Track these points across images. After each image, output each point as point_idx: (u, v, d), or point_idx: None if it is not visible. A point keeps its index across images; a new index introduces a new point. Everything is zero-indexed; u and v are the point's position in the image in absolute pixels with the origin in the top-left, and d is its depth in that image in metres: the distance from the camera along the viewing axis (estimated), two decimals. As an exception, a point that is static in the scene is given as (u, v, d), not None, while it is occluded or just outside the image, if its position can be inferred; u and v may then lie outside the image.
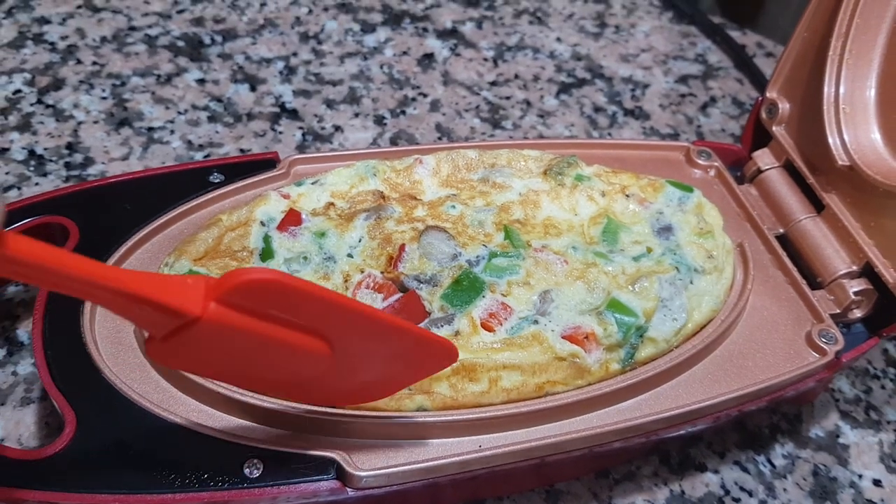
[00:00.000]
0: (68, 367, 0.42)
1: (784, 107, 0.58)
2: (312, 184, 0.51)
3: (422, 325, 0.45)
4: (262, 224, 0.48)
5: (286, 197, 0.50)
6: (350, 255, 0.47)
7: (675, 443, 0.53)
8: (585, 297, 0.47)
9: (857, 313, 0.52)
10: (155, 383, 0.43)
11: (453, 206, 0.51)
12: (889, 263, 0.50)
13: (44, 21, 0.76)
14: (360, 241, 0.48)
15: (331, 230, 0.48)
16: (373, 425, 0.42)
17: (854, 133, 0.52)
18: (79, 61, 0.73)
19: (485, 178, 0.54)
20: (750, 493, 0.52)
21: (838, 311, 0.51)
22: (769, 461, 0.54)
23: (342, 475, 0.40)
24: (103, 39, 0.75)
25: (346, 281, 0.46)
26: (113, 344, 0.44)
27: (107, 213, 0.49)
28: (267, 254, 0.46)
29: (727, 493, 0.52)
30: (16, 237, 0.28)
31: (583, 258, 0.49)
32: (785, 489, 0.52)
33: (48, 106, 0.68)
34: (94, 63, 0.73)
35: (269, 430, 0.41)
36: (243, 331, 0.34)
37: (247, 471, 0.39)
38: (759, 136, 0.60)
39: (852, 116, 0.53)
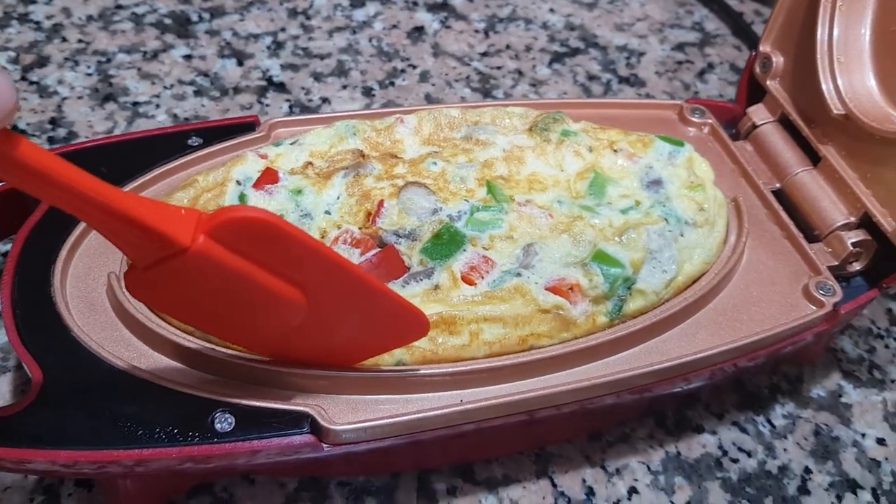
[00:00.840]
0: (37, 326, 0.41)
1: (778, 60, 0.56)
2: (291, 144, 0.50)
3: (401, 279, 0.43)
4: (238, 183, 0.47)
5: (263, 157, 0.49)
6: (328, 213, 0.46)
7: (670, 402, 0.52)
8: (571, 249, 0.46)
9: (857, 266, 0.51)
10: (126, 341, 0.41)
11: (434, 163, 0.49)
12: (887, 212, 0.49)
13: (29, 1, 0.75)
14: (338, 198, 0.47)
15: (308, 188, 0.47)
16: (350, 380, 0.40)
17: (849, 80, 0.51)
18: (64, 39, 0.72)
19: (468, 135, 0.52)
20: (749, 454, 0.50)
21: (836, 263, 0.50)
22: (769, 421, 0.52)
23: (317, 430, 0.39)
24: (89, 18, 0.75)
25: (322, 237, 0.45)
26: (84, 304, 0.43)
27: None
28: (242, 202, 0.45)
29: (725, 453, 0.50)
30: (19, 139, 0.28)
31: (568, 212, 0.48)
32: (785, 449, 0.51)
33: (32, 83, 0.67)
34: (80, 41, 0.72)
35: (241, 385, 0.40)
36: (226, 268, 0.33)
37: (217, 425, 0.38)
38: (754, 92, 0.59)
39: (846, 64, 0.51)
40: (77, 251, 0.45)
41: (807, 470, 0.50)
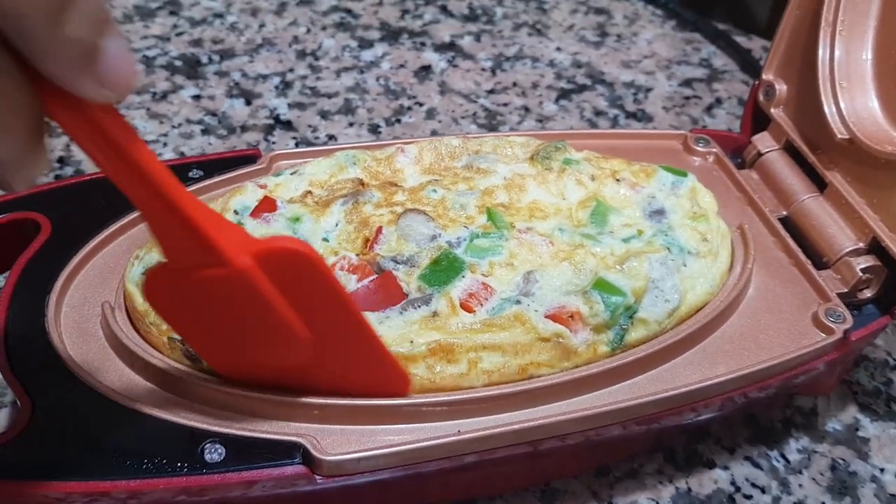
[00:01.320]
0: (28, 356, 0.40)
1: (781, 88, 0.56)
2: (291, 174, 0.50)
3: (398, 306, 0.43)
4: (236, 213, 0.47)
5: (263, 187, 0.49)
6: (325, 240, 0.45)
7: (679, 436, 0.50)
8: (571, 278, 0.45)
9: (868, 293, 0.49)
10: (118, 371, 0.41)
11: (434, 191, 0.49)
12: (897, 237, 0.48)
13: (43, 46, 0.76)
14: (336, 225, 0.46)
15: (306, 215, 0.46)
16: (344, 410, 0.39)
17: (852, 104, 0.50)
18: (75, 82, 0.73)
19: (469, 164, 0.52)
20: (763, 490, 0.48)
21: (846, 290, 0.48)
22: (783, 456, 0.50)
23: (309, 460, 0.38)
24: (100, 62, 0.76)
25: None
26: (78, 334, 0.42)
27: (81, 209, 0.48)
28: None
29: (738, 489, 0.48)
30: (118, 117, 0.29)
31: (569, 240, 0.47)
32: (801, 485, 0.49)
33: (42, 124, 0.68)
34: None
35: (232, 415, 0.39)
36: (259, 293, 0.34)
37: (207, 456, 0.37)
38: (759, 120, 0.58)
39: (849, 87, 0.50)
40: (73, 282, 0.45)
41: (823, 506, 0.48)
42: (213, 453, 0.37)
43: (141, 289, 0.41)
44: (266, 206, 0.47)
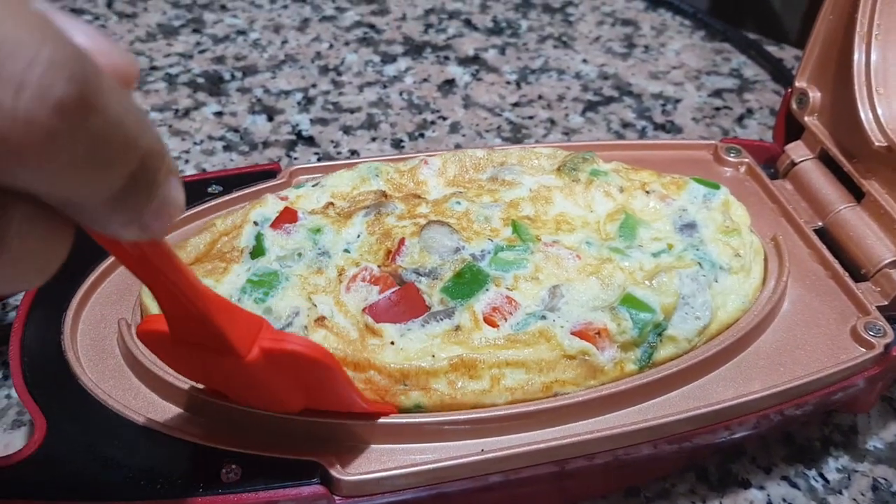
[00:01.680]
0: (44, 374, 0.40)
1: (815, 95, 0.54)
2: (313, 186, 0.49)
3: (420, 318, 0.41)
4: (256, 224, 0.46)
5: (284, 199, 0.48)
6: (346, 251, 0.45)
7: (712, 455, 0.48)
8: (599, 293, 0.43)
9: (909, 306, 0.47)
10: (134, 390, 0.40)
11: (458, 203, 0.48)
12: (940, 247, 0.46)
13: (68, 65, 0.77)
14: (358, 236, 0.45)
15: (327, 226, 0.46)
16: (365, 429, 0.38)
17: (889, 110, 0.48)
18: (99, 100, 0.73)
19: (493, 176, 0.51)
20: (800, 511, 0.46)
21: (886, 303, 0.47)
22: (821, 476, 0.48)
23: (328, 480, 0.37)
24: (124, 79, 0.76)
25: (340, 275, 0.43)
26: (94, 351, 0.42)
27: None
28: (258, 251, 0.44)
29: (774, 510, 0.46)
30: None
31: (597, 254, 0.46)
32: (841, 506, 0.47)
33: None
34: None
35: (249, 435, 0.38)
36: (261, 380, 0.34)
37: (224, 476, 0.36)
38: (792, 129, 0.57)
39: (886, 93, 0.49)
40: (90, 298, 0.44)
41: (865, 528, 0.46)
42: (231, 473, 0.36)
43: (136, 331, 0.40)
44: (287, 217, 0.46)
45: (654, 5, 0.92)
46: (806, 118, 0.55)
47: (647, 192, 0.50)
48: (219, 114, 0.72)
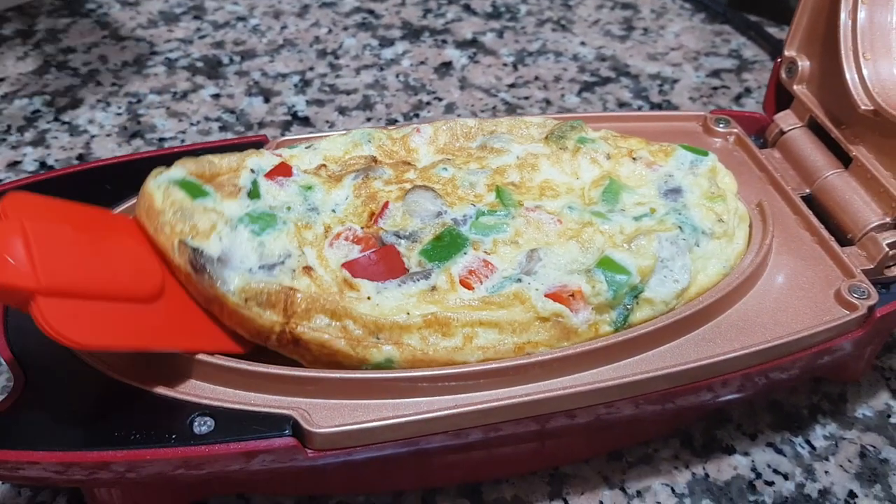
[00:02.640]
0: (25, 334, 0.40)
1: (804, 64, 0.54)
2: (306, 148, 0.50)
3: (398, 279, 0.42)
4: (252, 171, 0.46)
5: (278, 156, 0.48)
6: (334, 211, 0.45)
7: (697, 422, 0.48)
8: (577, 256, 0.43)
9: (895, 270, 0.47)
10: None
11: (445, 169, 0.48)
12: (925, 209, 0.45)
13: (69, 50, 0.78)
14: (346, 199, 0.46)
15: (318, 186, 0.46)
16: (337, 383, 0.38)
17: (876, 73, 0.48)
18: (98, 83, 0.74)
19: (483, 144, 0.51)
20: (785, 476, 0.46)
21: (872, 266, 0.46)
22: (808, 442, 0.48)
23: (299, 433, 0.37)
24: (124, 63, 0.77)
25: (326, 232, 0.44)
26: (75, 311, 0.42)
27: (84, 195, 0.48)
28: (254, 194, 0.44)
29: (758, 475, 0.46)
30: None
31: (578, 218, 0.45)
32: (827, 471, 0.46)
33: (63, 122, 0.69)
34: (113, 84, 0.74)
35: (224, 389, 0.38)
36: None
37: (195, 428, 0.36)
38: (782, 99, 0.56)
39: (872, 56, 0.48)
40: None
41: (851, 494, 0.45)
42: (203, 426, 0.37)
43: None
44: (281, 170, 0.46)
45: (654, -10, 0.92)
46: (795, 87, 0.54)
47: (634, 159, 0.50)
48: (216, 96, 0.73)
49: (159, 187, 0.43)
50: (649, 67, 0.79)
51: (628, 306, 0.42)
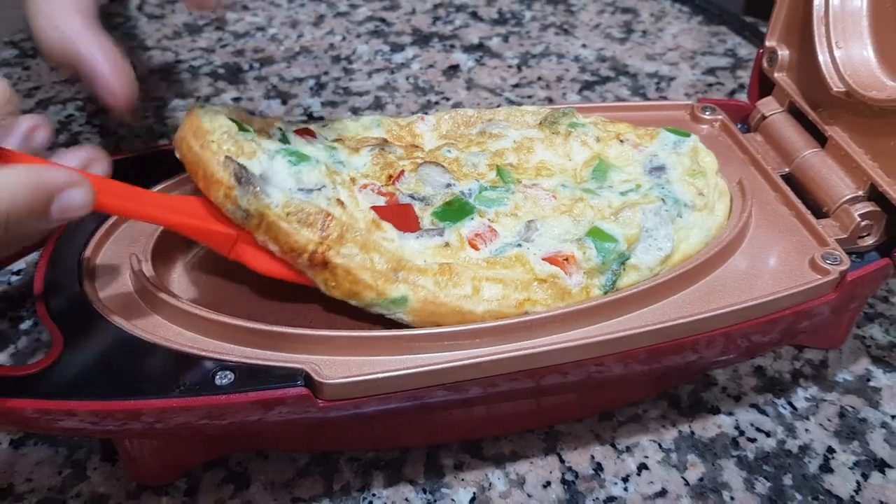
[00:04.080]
0: (62, 300, 0.44)
1: (783, 53, 0.57)
2: (322, 126, 0.54)
3: (415, 234, 0.46)
4: (280, 129, 0.51)
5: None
6: (357, 170, 0.50)
7: (684, 384, 0.51)
8: (570, 228, 0.47)
9: (870, 240, 0.50)
10: (143, 313, 0.44)
11: (449, 151, 0.53)
12: (894, 182, 0.48)
13: (99, 61, 0.83)
14: (365, 164, 0.51)
15: (341, 149, 0.51)
16: (346, 340, 0.42)
17: (847, 55, 0.51)
18: (126, 90, 0.78)
19: (482, 131, 0.55)
20: (767, 434, 0.49)
21: (845, 235, 0.49)
22: (790, 404, 0.51)
23: (311, 385, 0.40)
24: (151, 72, 0.81)
25: (353, 182, 0.48)
26: (108, 282, 0.46)
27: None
28: (285, 140, 0.49)
29: (741, 433, 0.49)
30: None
31: (571, 195, 0.49)
32: (807, 429, 0.49)
33: (95, 125, 0.74)
34: (141, 90, 0.78)
35: (242, 348, 0.42)
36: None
37: (217, 380, 0.40)
38: (765, 87, 0.60)
39: (844, 39, 0.51)
40: (106, 242, 0.49)
41: (830, 449, 0.48)
42: (224, 378, 0.40)
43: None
44: (307, 132, 0.52)
45: (654, -5, 0.96)
46: (776, 74, 0.58)
47: (622, 142, 0.54)
48: (237, 99, 0.77)
49: (206, 113, 0.47)
50: (647, 67, 0.83)
51: (616, 271, 0.46)
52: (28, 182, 0.37)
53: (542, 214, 0.48)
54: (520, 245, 0.46)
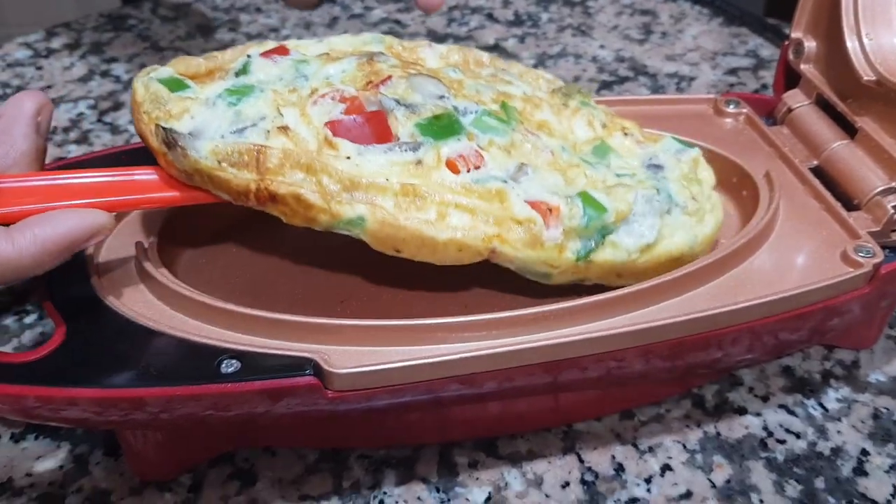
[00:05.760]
0: (67, 289, 0.43)
1: (810, 45, 0.56)
2: (316, 41, 0.52)
3: (385, 146, 0.43)
4: (248, 56, 0.48)
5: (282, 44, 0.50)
6: (327, 79, 0.46)
7: (708, 384, 0.49)
8: (561, 185, 0.45)
9: (903, 234, 0.48)
10: (148, 302, 0.43)
11: (454, 71, 0.49)
12: (929, 171, 0.47)
13: (112, 60, 0.82)
14: (343, 71, 0.47)
15: (314, 61, 0.48)
16: (355, 330, 0.40)
17: (878, 43, 0.49)
18: (138, 88, 0.78)
19: (493, 74, 0.53)
20: (797, 435, 0.47)
21: (877, 228, 0.47)
22: (821, 405, 0.49)
23: (320, 374, 0.39)
24: (163, 71, 0.80)
25: (311, 94, 0.45)
26: (113, 270, 0.45)
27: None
28: (241, 72, 0.47)
29: (770, 434, 0.47)
30: None
31: (568, 159, 0.47)
32: (839, 431, 0.47)
33: (106, 123, 0.73)
34: (152, 89, 0.77)
35: (249, 337, 0.41)
36: None
37: (223, 368, 0.39)
38: (790, 80, 0.58)
39: (874, 28, 0.50)
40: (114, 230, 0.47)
41: (864, 452, 0.46)
42: (230, 367, 0.39)
43: None
44: (279, 50, 0.49)
45: (673, -3, 0.95)
46: (802, 66, 0.56)
47: (626, 135, 0.52)
48: (249, 98, 0.76)
49: (142, 84, 0.45)
50: (667, 67, 0.81)
51: (594, 242, 0.43)
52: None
53: (535, 164, 0.45)
54: (505, 182, 0.43)
